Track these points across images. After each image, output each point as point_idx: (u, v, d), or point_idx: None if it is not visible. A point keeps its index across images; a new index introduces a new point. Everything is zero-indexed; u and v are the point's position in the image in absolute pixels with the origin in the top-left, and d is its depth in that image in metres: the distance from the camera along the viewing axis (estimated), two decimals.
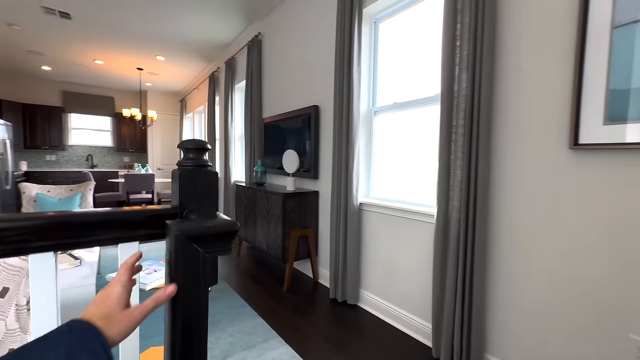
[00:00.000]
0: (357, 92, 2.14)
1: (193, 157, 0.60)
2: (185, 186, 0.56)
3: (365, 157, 2.33)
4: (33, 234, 0.44)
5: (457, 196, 1.49)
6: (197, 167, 0.60)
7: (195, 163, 0.60)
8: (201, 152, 0.61)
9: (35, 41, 4.42)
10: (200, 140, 0.61)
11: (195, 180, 0.58)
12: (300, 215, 2.60)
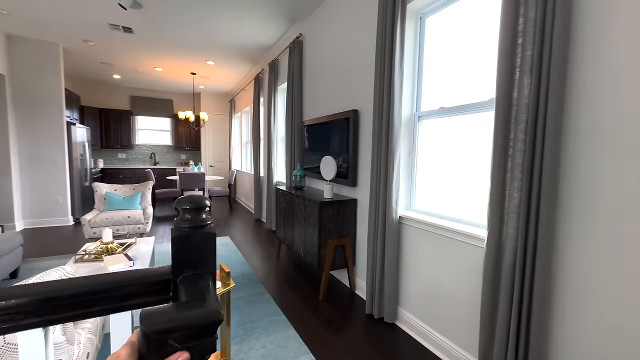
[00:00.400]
0: (399, 95, 1.97)
1: (190, 217, 0.55)
2: (179, 251, 0.51)
3: (407, 166, 2.15)
4: (19, 313, 0.42)
5: (513, 222, 1.28)
6: (193, 228, 0.54)
7: (191, 224, 0.54)
8: (199, 212, 0.55)
9: (106, 54, 4.96)
10: (198, 199, 0.56)
11: (191, 243, 0.53)
12: (337, 224, 2.52)
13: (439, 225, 1.77)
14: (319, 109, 3.24)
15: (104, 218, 3.42)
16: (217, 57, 5.01)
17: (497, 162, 1.34)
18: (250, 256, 3.49)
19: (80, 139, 5.23)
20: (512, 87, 1.29)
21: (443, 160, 1.98)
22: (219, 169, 8.27)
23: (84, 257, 2.31)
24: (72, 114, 5.40)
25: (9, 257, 2.58)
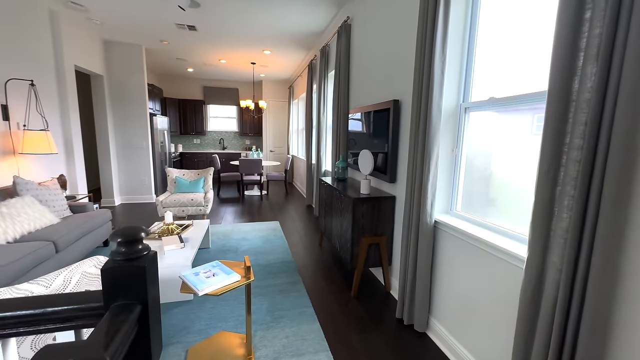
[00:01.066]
0: (439, 84, 1.72)
1: (124, 250, 0.57)
2: (109, 282, 0.54)
3: (448, 165, 1.91)
4: None
5: (558, 249, 1.03)
6: (126, 260, 0.56)
7: (124, 257, 0.57)
8: (132, 244, 0.57)
9: (179, 50, 5.50)
10: (132, 232, 0.58)
11: (123, 275, 0.55)
12: (373, 222, 2.41)
13: (478, 238, 1.54)
14: (364, 97, 3.07)
15: (173, 200, 3.92)
16: (272, 46, 5.12)
17: (545, 171, 1.08)
18: (294, 243, 3.62)
19: (161, 128, 6.01)
20: (571, 77, 1.01)
21: (492, 160, 1.70)
22: (279, 154, 8.65)
23: (149, 236, 2.70)
24: (154, 105, 6.21)
25: (101, 230, 3.17)
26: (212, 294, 1.46)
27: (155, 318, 0.60)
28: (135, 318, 0.54)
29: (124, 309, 0.54)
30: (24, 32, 3.27)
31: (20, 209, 2.48)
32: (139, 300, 0.56)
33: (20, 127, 3.15)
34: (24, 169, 3.23)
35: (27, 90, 3.20)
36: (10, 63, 3.06)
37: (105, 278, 0.54)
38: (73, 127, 4.03)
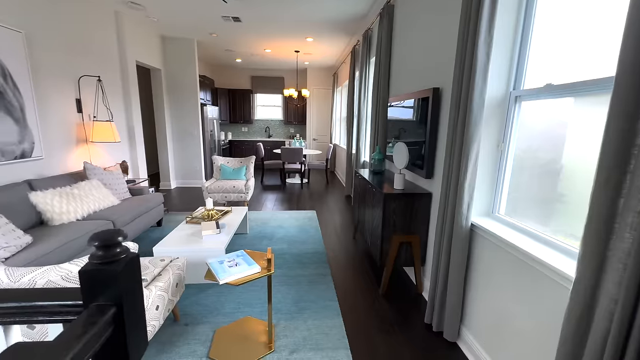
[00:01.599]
0: (483, 69, 1.51)
1: (101, 254, 0.59)
2: (87, 283, 0.56)
3: (492, 162, 1.69)
4: None
5: (615, 277, 0.84)
6: (102, 264, 0.58)
7: (101, 260, 0.58)
8: (109, 249, 0.59)
9: (227, 42, 5.71)
10: (110, 236, 0.59)
11: (99, 277, 0.57)
12: (405, 219, 2.27)
13: (521, 249, 1.34)
14: (404, 85, 2.86)
15: (217, 186, 4.17)
16: (314, 33, 5.03)
17: (604, 179, 0.87)
18: (328, 234, 3.62)
19: (211, 117, 6.38)
20: None
21: (547, 159, 1.45)
22: (322, 143, 8.65)
23: (192, 219, 2.91)
24: (205, 95, 6.60)
25: (155, 211, 3.51)
26: (231, 284, 1.52)
27: (133, 319, 0.61)
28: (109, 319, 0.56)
29: (98, 310, 0.55)
30: (92, 33, 3.66)
31: (88, 191, 2.85)
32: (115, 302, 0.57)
33: (90, 118, 3.59)
34: (94, 155, 3.69)
35: (95, 85, 3.61)
36: (82, 61, 3.47)
37: (82, 279, 0.56)
38: (135, 118, 4.47)
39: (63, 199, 2.58)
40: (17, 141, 2.67)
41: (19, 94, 2.68)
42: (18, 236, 2.03)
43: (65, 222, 2.52)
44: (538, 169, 1.48)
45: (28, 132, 2.77)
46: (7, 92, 2.56)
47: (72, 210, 2.59)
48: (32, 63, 2.80)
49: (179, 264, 1.85)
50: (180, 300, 2.20)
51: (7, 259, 1.85)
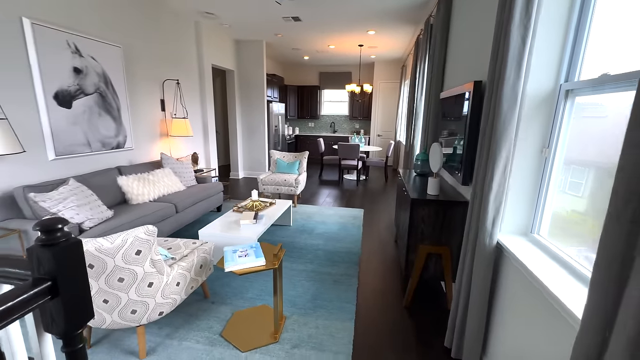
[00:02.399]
0: (515, 59, 1.24)
1: (43, 237, 0.72)
2: (31, 259, 0.71)
3: (533, 169, 1.40)
4: None
5: (629, 331, 0.62)
6: (41, 246, 0.72)
7: (42, 242, 0.72)
8: (49, 233, 0.72)
9: (293, 41, 5.96)
10: (49, 222, 0.72)
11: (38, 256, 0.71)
12: (435, 228, 2.05)
13: (550, 292, 1.09)
14: (456, 79, 2.55)
15: (270, 179, 4.46)
16: (375, 25, 4.85)
17: (622, 204, 0.64)
18: (369, 235, 3.52)
19: (276, 113, 6.80)
20: None
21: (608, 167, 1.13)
22: (387, 139, 8.34)
23: (238, 209, 3.19)
24: (272, 92, 7.05)
25: (214, 198, 3.96)
26: (235, 272, 1.63)
27: (69, 292, 0.73)
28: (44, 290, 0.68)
29: (35, 281, 0.68)
30: (175, 42, 4.29)
31: (160, 178, 3.39)
32: (50, 276, 0.70)
33: (171, 115, 4.24)
34: (173, 147, 4.36)
35: (174, 87, 4.23)
36: (166, 67, 4.11)
37: (28, 255, 0.69)
38: (208, 115, 5.09)
39: (140, 183, 3.14)
40: (114, 135, 3.35)
41: (117, 97, 3.34)
42: (102, 211, 2.57)
43: (140, 202, 3.06)
44: (595, 181, 1.16)
45: (122, 128, 3.44)
46: (108, 96, 3.23)
47: (146, 192, 3.13)
48: (126, 71, 3.45)
49: (206, 248, 2.08)
50: (212, 280, 2.46)
51: (91, 228, 2.37)
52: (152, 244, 1.55)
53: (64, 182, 2.56)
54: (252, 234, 2.63)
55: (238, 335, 1.84)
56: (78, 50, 2.86)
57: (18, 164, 2.44)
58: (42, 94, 2.58)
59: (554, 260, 1.24)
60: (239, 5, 4.01)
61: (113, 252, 1.43)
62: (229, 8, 4.16)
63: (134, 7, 3.52)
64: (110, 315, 1.56)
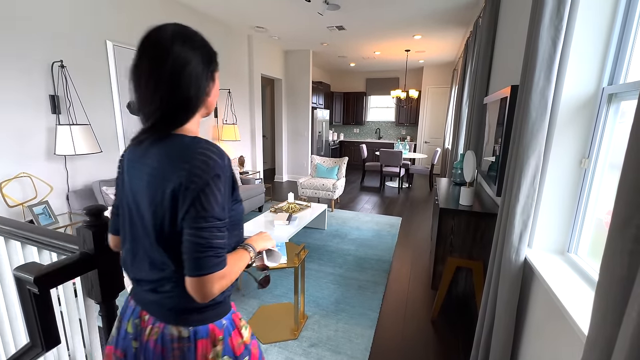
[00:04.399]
0: (545, 61, 1.15)
1: (89, 220, 0.90)
2: (79, 236, 0.89)
3: (571, 182, 1.27)
4: None
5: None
6: (87, 227, 0.90)
7: (87, 224, 0.90)
8: (95, 216, 0.89)
9: (338, 49, 6.09)
10: (96, 208, 0.89)
11: (84, 235, 0.89)
12: (465, 241, 1.94)
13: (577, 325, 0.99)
14: (499, 83, 2.39)
15: (309, 183, 4.60)
16: (421, 30, 4.73)
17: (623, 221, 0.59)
18: (404, 244, 3.42)
19: (320, 119, 6.97)
20: None
21: None
22: (434, 147, 7.97)
23: (275, 210, 3.37)
24: (318, 99, 7.25)
25: (257, 198, 4.23)
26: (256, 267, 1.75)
27: (106, 267, 0.90)
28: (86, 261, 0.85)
29: (81, 255, 0.86)
30: (230, 54, 4.70)
31: None
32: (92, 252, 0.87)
33: (222, 122, 4.64)
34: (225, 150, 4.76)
35: (226, 96, 4.63)
36: (220, 78, 4.52)
37: (77, 234, 0.87)
38: (256, 121, 5.45)
39: None
40: None
41: None
42: None
43: None
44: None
45: None
46: None
47: None
48: None
49: None
50: (245, 274, 2.64)
51: None
52: None
53: None
54: (284, 233, 2.75)
55: (261, 328, 1.96)
56: None
57: (97, 162, 2.92)
58: (118, 103, 3.06)
59: (590, 286, 1.11)
60: (287, 19, 4.26)
61: None
62: (278, 22, 4.44)
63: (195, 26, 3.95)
64: None
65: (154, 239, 0.67)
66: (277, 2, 3.68)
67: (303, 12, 3.93)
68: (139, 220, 0.69)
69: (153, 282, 0.69)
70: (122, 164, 0.75)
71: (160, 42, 0.65)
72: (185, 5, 3.77)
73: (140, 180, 0.68)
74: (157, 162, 0.66)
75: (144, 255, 0.70)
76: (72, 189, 2.71)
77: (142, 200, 0.68)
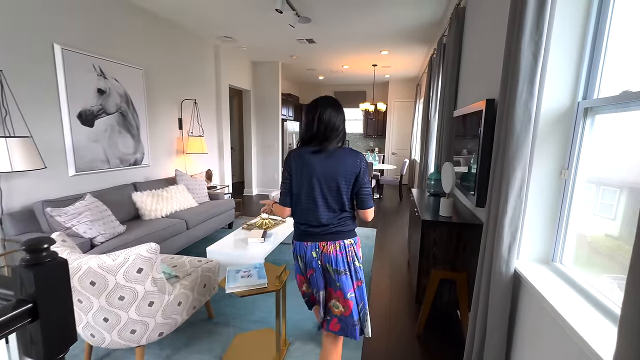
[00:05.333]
0: (527, 75, 1.18)
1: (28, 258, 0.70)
2: (14, 278, 0.69)
3: (552, 192, 1.30)
4: None
5: None
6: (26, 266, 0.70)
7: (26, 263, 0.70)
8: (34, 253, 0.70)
9: (307, 62, 6.12)
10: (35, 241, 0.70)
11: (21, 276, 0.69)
12: (448, 252, 1.94)
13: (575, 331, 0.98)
14: (469, 96, 2.49)
15: None
16: (388, 46, 4.91)
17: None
18: (381, 257, 3.39)
19: (290, 131, 6.90)
20: None
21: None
22: (402, 157, 8.24)
23: (247, 226, 3.18)
24: (287, 111, 7.18)
25: (226, 215, 3.98)
26: (235, 294, 1.59)
27: (50, 316, 0.71)
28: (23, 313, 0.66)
29: (16, 303, 0.66)
30: (195, 64, 4.49)
31: (174, 194, 3.45)
32: (32, 299, 0.68)
33: (188, 133, 4.37)
34: (190, 163, 4.47)
35: (192, 106, 4.39)
36: (185, 88, 4.29)
37: (13, 275, 0.68)
38: (224, 133, 5.22)
39: (154, 199, 3.20)
40: (132, 152, 3.47)
41: (137, 116, 3.49)
42: (114, 226, 2.62)
43: (153, 217, 3.11)
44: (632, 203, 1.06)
45: (140, 145, 3.57)
46: (128, 115, 3.38)
47: (159, 208, 3.18)
48: (147, 92, 3.62)
49: (210, 266, 2.05)
50: (217, 300, 2.41)
51: (102, 243, 2.41)
52: (154, 262, 1.53)
53: (81, 197, 2.65)
54: (260, 252, 2.59)
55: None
56: (102, 73, 3.04)
57: (40, 179, 2.55)
58: (67, 113, 2.73)
59: (579, 293, 1.12)
60: (256, 30, 4.18)
61: (115, 270, 1.42)
62: (247, 33, 4.34)
63: (158, 33, 3.73)
64: (110, 334, 1.54)
65: (337, 196, 1.35)
66: (247, 13, 3.59)
67: (273, 23, 3.89)
68: (333, 190, 1.34)
69: (331, 224, 1.36)
70: (297, 162, 1.36)
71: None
72: (147, 11, 3.54)
73: (330, 170, 1.32)
74: (336, 160, 1.36)
75: (326, 208, 1.35)
76: (7, 211, 2.32)
77: (334, 180, 1.33)
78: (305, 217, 1.38)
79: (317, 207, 1.34)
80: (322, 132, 1.35)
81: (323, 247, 1.36)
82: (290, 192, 1.40)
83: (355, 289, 1.38)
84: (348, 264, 1.36)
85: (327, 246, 1.35)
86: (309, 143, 1.38)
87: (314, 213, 1.35)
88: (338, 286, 1.35)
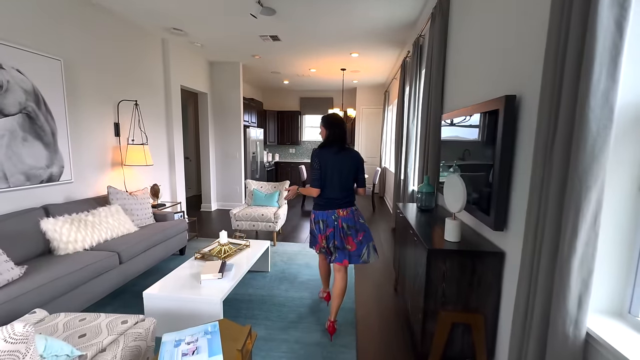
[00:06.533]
0: (607, 54, 0.81)
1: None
2: None
3: (626, 218, 0.93)
4: None
5: None
6: None
7: None
8: None
9: (272, 63, 5.62)
10: None
11: None
12: (460, 288, 1.54)
13: None
14: (462, 97, 2.17)
15: (245, 213, 3.84)
16: (359, 47, 4.59)
17: None
18: (363, 281, 2.94)
19: (254, 138, 6.30)
20: None
21: None
22: (372, 165, 8.00)
23: (201, 256, 2.55)
24: (250, 117, 6.59)
25: (177, 239, 3.28)
26: None
27: None
28: None
29: None
30: (138, 59, 3.76)
31: (104, 218, 2.71)
32: None
33: (128, 141, 3.61)
34: (130, 178, 3.69)
35: (132, 108, 3.65)
36: (124, 86, 3.55)
37: None
38: (176, 141, 4.50)
39: (73, 227, 2.45)
40: (45, 165, 2.68)
41: (52, 118, 2.71)
42: (8, 269, 1.87)
43: (71, 251, 2.36)
44: None
45: (58, 156, 2.78)
46: (39, 117, 2.60)
47: (80, 239, 2.43)
48: (68, 89, 2.86)
49: (140, 331, 1.43)
50: None
51: None
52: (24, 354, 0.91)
53: None
54: (216, 292, 2.00)
55: None
56: None
57: None
58: None
59: None
60: (212, 21, 3.60)
61: None
62: (200, 25, 3.74)
63: (84, 17, 3.00)
64: None
65: (347, 180, 2.09)
66: None
67: (232, 13, 3.35)
68: (344, 175, 2.06)
69: (344, 197, 2.07)
70: (324, 158, 2.05)
71: None
72: None
73: (342, 163, 2.05)
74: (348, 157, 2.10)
75: (340, 188, 2.06)
76: None
77: (344, 169, 2.06)
78: (329, 194, 2.07)
79: (337, 187, 2.05)
80: (338, 139, 2.11)
81: (339, 212, 2.06)
82: (320, 178, 2.05)
83: (361, 237, 2.08)
84: (355, 221, 2.08)
85: (342, 211, 2.06)
86: (329, 145, 2.10)
87: (335, 191, 2.06)
88: (349, 234, 2.05)
